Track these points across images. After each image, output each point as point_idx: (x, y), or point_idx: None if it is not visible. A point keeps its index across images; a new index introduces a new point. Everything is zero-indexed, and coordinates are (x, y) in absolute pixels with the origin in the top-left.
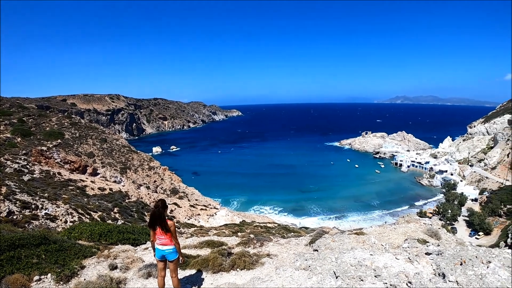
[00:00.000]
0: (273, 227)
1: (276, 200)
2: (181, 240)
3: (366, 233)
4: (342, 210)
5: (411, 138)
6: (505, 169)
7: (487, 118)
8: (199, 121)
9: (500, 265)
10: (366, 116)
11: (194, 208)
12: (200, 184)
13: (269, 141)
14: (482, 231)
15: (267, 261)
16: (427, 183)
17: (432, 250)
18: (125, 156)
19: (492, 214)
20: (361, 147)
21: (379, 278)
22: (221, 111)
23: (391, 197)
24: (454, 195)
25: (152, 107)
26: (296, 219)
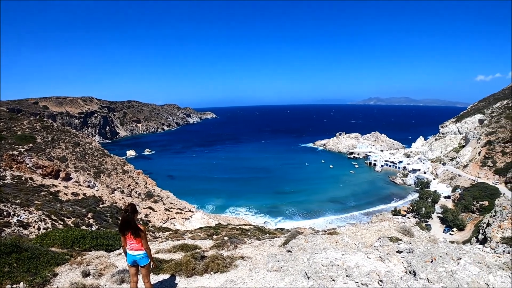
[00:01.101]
0: (248, 229)
1: (252, 202)
2: (155, 245)
3: (340, 233)
4: (318, 211)
5: (385, 138)
6: (476, 167)
7: (459, 118)
8: (174, 123)
9: (471, 261)
10: (340, 117)
11: (169, 212)
12: (175, 188)
13: (244, 143)
14: (456, 227)
15: (241, 263)
16: (401, 182)
17: (403, 248)
18: (99, 160)
19: (465, 210)
20: (335, 148)
21: (350, 278)
22: (195, 113)
23: (366, 197)
24: (428, 193)
25: (126, 110)
26: (272, 220)
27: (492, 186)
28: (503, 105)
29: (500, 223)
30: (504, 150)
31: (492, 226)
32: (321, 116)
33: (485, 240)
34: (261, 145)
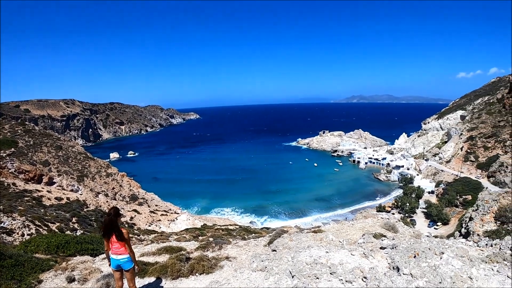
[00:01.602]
0: (234, 229)
1: (237, 202)
2: (140, 248)
3: (324, 231)
4: (304, 209)
5: (368, 136)
6: (459, 162)
7: (441, 115)
8: (157, 125)
9: (453, 255)
10: (324, 115)
11: (154, 214)
12: (160, 189)
13: (228, 143)
14: (440, 221)
15: (226, 264)
16: (384, 179)
17: (387, 244)
18: (82, 163)
19: (449, 204)
20: (319, 146)
21: (334, 275)
22: (179, 114)
23: (351, 194)
24: (412, 188)
25: (109, 112)
26: (258, 220)
27: (475, 181)
28: (484, 101)
29: (482, 216)
30: (486, 145)
31: (475, 220)
32: (304, 115)
33: (468, 234)
34: (244, 145)
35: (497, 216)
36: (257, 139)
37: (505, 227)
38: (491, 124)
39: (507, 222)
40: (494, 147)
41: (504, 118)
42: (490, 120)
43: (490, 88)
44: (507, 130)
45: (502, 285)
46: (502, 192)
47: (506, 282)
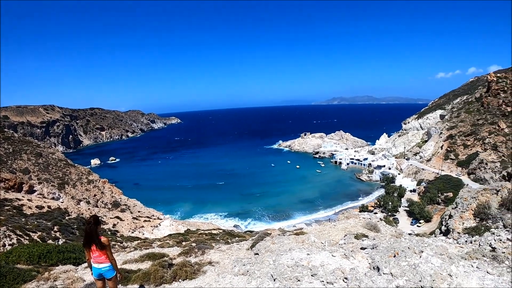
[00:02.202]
0: (217, 233)
1: (221, 206)
2: (123, 255)
3: (306, 233)
4: (287, 211)
5: (349, 137)
6: (439, 160)
7: (420, 114)
8: (138, 130)
9: (433, 254)
10: (305, 117)
11: (137, 220)
12: (142, 195)
13: (209, 147)
14: (423, 219)
15: (209, 269)
16: (366, 179)
17: (367, 245)
18: (62, 170)
19: (430, 202)
20: (301, 148)
21: (315, 277)
22: (159, 119)
23: (334, 195)
24: (394, 187)
25: (89, 118)
26: (242, 223)
27: (455, 178)
28: (462, 101)
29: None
30: (465, 143)
31: (454, 218)
32: (286, 117)
33: (448, 232)
34: (226, 149)
35: (476, 213)
36: (239, 143)
37: (484, 223)
38: (470, 122)
39: (486, 219)
40: (474, 145)
41: (483, 116)
42: (469, 119)
43: (469, 87)
44: (485, 128)
45: (482, 281)
46: (481, 190)
47: (485, 278)
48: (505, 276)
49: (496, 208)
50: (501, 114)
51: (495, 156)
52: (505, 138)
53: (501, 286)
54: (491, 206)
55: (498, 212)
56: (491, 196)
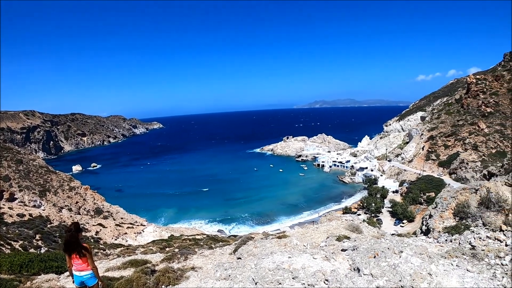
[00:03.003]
0: (201, 238)
1: (204, 211)
2: (105, 262)
3: (289, 236)
4: (271, 215)
5: (331, 140)
6: (421, 161)
7: (401, 116)
8: (120, 135)
9: (412, 253)
10: (287, 121)
11: (120, 227)
12: (125, 202)
13: (192, 152)
14: (406, 219)
15: (192, 274)
16: (349, 181)
17: (348, 246)
18: (44, 177)
19: (413, 202)
20: (284, 152)
21: (297, 280)
22: (141, 124)
23: (317, 197)
24: (376, 189)
25: (70, 123)
26: (226, 228)
27: (437, 178)
28: (443, 102)
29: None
30: (446, 144)
31: (434, 217)
32: (268, 121)
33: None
34: (209, 154)
35: (456, 212)
36: (221, 147)
37: (464, 222)
38: (450, 123)
39: (465, 218)
40: (454, 145)
41: (463, 117)
42: (449, 120)
43: (449, 89)
44: (466, 129)
45: (462, 278)
46: (460, 189)
47: (465, 276)
48: (485, 274)
49: (476, 206)
50: (480, 115)
51: (475, 155)
52: (485, 138)
53: (481, 283)
54: (470, 205)
55: (478, 210)
56: (470, 195)
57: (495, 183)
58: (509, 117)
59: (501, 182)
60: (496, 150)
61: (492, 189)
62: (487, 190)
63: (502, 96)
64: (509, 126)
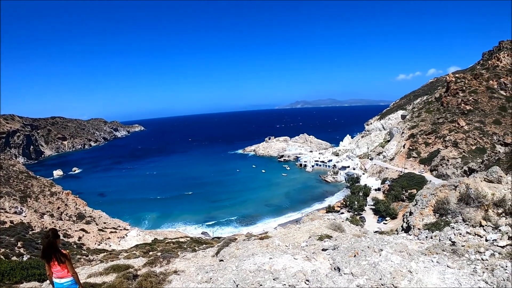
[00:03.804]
0: (185, 241)
1: (187, 213)
2: (88, 268)
3: (271, 236)
4: (255, 216)
5: (313, 140)
6: (402, 159)
7: (382, 115)
8: (101, 138)
9: (392, 251)
10: (269, 122)
11: (103, 232)
12: (107, 206)
13: (174, 154)
14: (389, 216)
15: (175, 278)
16: (332, 180)
17: (328, 246)
18: (24, 183)
19: (395, 200)
20: (266, 152)
21: (277, 281)
22: (123, 127)
23: (300, 197)
24: (359, 187)
25: (50, 127)
26: (210, 230)
27: (418, 175)
28: (423, 101)
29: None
30: (426, 142)
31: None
32: (250, 122)
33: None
34: (191, 156)
35: (436, 209)
36: (203, 149)
37: (444, 218)
38: (430, 121)
39: (445, 214)
40: (435, 142)
41: (443, 115)
42: (430, 118)
43: (429, 88)
44: (446, 126)
45: (443, 275)
46: (439, 186)
47: (446, 272)
48: (466, 269)
49: (455, 203)
50: (460, 113)
51: (456, 152)
52: (464, 135)
53: (462, 279)
54: (450, 202)
55: (457, 207)
56: (450, 192)
57: (474, 179)
58: (488, 115)
59: (480, 178)
60: (476, 147)
61: (471, 185)
62: (466, 186)
63: (481, 94)
64: (488, 123)
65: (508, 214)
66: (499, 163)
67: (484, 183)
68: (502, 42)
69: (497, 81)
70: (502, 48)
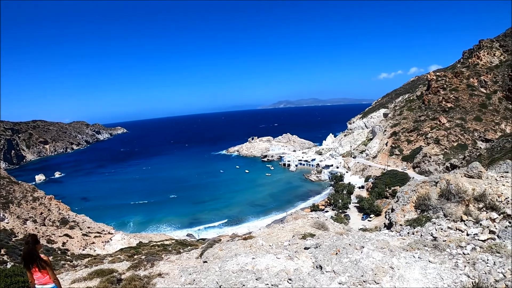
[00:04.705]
0: (170, 244)
1: (172, 215)
2: (72, 274)
3: (255, 236)
4: (240, 216)
5: (296, 139)
6: (385, 157)
7: (365, 114)
8: (83, 142)
9: (374, 248)
10: (252, 122)
11: (87, 237)
12: (91, 210)
13: (157, 156)
14: (373, 213)
15: (159, 281)
16: (315, 179)
17: (310, 244)
18: (6, 188)
19: (379, 197)
20: (249, 153)
21: (260, 281)
22: (105, 129)
23: (284, 197)
24: (342, 185)
25: (32, 131)
26: (195, 232)
27: (401, 172)
28: (404, 99)
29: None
30: (409, 139)
31: (396, 211)
32: (233, 123)
33: (391, 225)
34: (174, 158)
35: (417, 205)
36: (187, 150)
37: (425, 214)
38: (412, 119)
39: (427, 210)
40: (417, 140)
41: (424, 113)
42: (411, 116)
43: (410, 86)
44: (427, 124)
45: (424, 270)
46: (420, 182)
47: (428, 267)
48: (447, 264)
49: (436, 199)
50: (441, 110)
51: (437, 149)
52: (446, 132)
53: (444, 273)
54: (431, 198)
55: (438, 202)
56: (431, 188)
57: (455, 175)
58: (469, 112)
59: (461, 174)
60: (458, 143)
61: (451, 181)
62: (447, 182)
63: (462, 91)
64: (469, 120)
65: (488, 209)
66: (481, 159)
67: (465, 178)
68: (482, 41)
69: (478, 79)
70: (482, 47)
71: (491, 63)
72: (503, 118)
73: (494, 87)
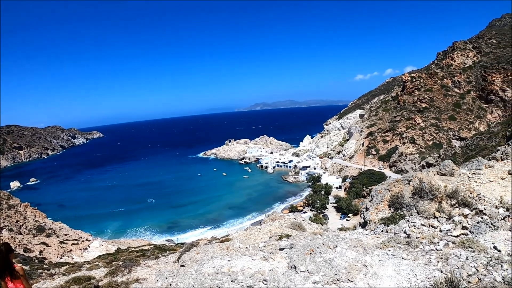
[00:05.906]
0: (148, 249)
1: (150, 220)
2: (49, 282)
3: (232, 239)
4: (218, 219)
5: (273, 141)
6: (362, 157)
7: (341, 115)
8: (58, 147)
9: (347, 247)
10: (229, 124)
11: (65, 244)
12: (68, 217)
13: (133, 161)
14: (351, 213)
15: (136, 286)
16: (293, 180)
17: (285, 245)
18: None
19: (356, 196)
20: (226, 155)
21: (235, 282)
22: (81, 134)
23: (263, 198)
24: (320, 186)
25: (5, 136)
26: (174, 236)
27: (378, 172)
28: (380, 100)
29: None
30: (384, 139)
31: (370, 210)
32: (210, 126)
33: (365, 224)
34: (151, 161)
35: (391, 203)
36: (164, 154)
37: (399, 212)
38: (388, 119)
39: (400, 208)
40: (393, 139)
41: (399, 113)
42: (387, 116)
43: (385, 87)
44: (403, 124)
45: (398, 267)
46: (393, 181)
47: (401, 264)
48: (420, 260)
49: (409, 197)
50: (416, 110)
51: (413, 148)
52: (421, 132)
53: (417, 269)
54: (404, 196)
55: (412, 200)
56: (404, 186)
57: (428, 173)
58: (443, 111)
59: (433, 172)
60: (433, 142)
61: (424, 179)
62: (420, 180)
63: (436, 92)
64: (443, 119)
65: (461, 205)
66: (456, 157)
67: (438, 176)
68: (455, 43)
69: (451, 79)
70: (456, 48)
71: (464, 64)
72: (476, 117)
73: (468, 87)
